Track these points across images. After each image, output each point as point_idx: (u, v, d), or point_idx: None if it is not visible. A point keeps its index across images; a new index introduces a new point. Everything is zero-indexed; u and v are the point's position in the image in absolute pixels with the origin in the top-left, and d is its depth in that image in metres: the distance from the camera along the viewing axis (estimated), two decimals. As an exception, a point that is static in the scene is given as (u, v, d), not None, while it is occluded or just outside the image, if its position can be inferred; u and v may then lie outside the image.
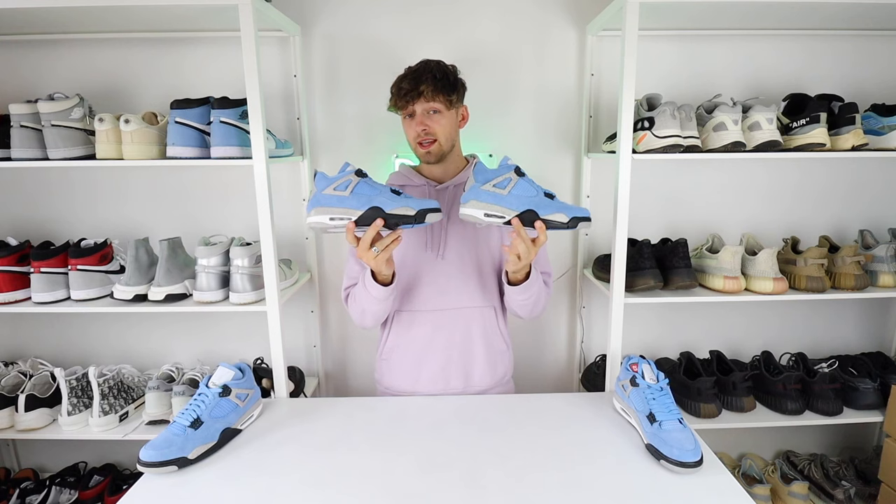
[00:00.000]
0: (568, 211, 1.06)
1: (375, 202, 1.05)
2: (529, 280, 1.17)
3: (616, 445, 1.06)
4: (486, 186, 1.08)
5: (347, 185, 1.06)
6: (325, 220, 1.04)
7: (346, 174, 1.08)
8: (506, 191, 1.07)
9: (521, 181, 1.09)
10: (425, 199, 1.11)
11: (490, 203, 1.07)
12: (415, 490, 0.93)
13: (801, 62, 1.65)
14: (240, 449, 1.07)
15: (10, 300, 1.43)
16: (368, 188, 1.07)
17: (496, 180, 1.08)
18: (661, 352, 1.82)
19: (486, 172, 1.10)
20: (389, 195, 1.07)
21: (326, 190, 1.06)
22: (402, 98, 1.18)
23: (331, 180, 1.07)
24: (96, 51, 1.61)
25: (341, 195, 1.05)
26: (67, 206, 1.70)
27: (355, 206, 1.05)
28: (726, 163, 1.71)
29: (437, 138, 1.20)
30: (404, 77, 1.20)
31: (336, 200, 1.05)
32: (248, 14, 1.22)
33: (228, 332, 1.79)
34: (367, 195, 1.06)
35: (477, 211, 1.07)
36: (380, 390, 1.38)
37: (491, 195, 1.07)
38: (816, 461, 1.68)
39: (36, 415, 1.47)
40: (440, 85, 1.18)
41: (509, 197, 1.07)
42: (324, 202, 1.05)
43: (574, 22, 1.63)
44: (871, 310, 1.82)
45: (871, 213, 1.74)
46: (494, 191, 1.07)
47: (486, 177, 1.09)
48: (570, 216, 1.05)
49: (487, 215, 1.07)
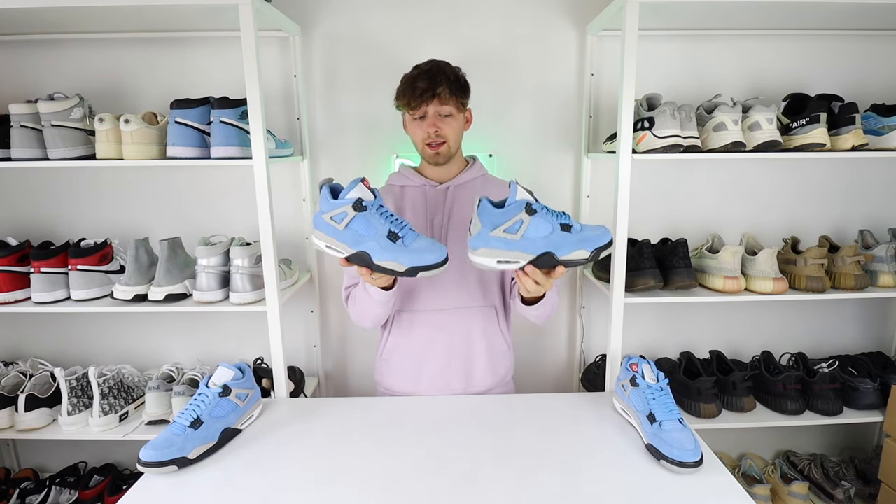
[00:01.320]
0: (588, 244, 0.96)
1: (366, 246, 0.96)
2: (544, 298, 1.14)
3: (616, 445, 1.06)
4: (495, 232, 0.97)
5: (343, 217, 0.97)
6: (322, 246, 1.00)
7: (344, 203, 0.98)
8: (518, 235, 0.97)
9: (533, 220, 0.97)
10: (431, 243, 0.99)
11: (502, 250, 0.97)
12: (415, 490, 0.93)
13: (801, 62, 1.65)
14: (240, 449, 1.07)
15: (10, 300, 1.43)
16: (364, 225, 0.97)
17: (505, 225, 0.97)
18: (661, 352, 1.82)
19: (493, 214, 0.99)
20: (384, 240, 0.96)
21: (325, 215, 0.98)
22: (416, 97, 1.17)
23: (331, 205, 0.98)
24: (96, 51, 1.61)
25: (336, 227, 0.98)
26: (67, 206, 1.70)
27: (348, 242, 0.97)
28: (726, 163, 1.71)
29: (447, 140, 1.20)
30: (418, 76, 1.18)
31: (331, 230, 0.98)
32: (248, 14, 1.22)
33: (228, 332, 1.79)
34: (361, 235, 0.97)
35: (489, 259, 0.98)
36: (380, 391, 1.38)
37: (502, 241, 0.97)
38: (816, 461, 1.68)
39: (36, 415, 1.47)
40: (454, 88, 1.18)
41: (523, 241, 0.97)
42: (321, 227, 0.99)
43: (574, 22, 1.63)
44: (871, 310, 1.82)
45: (871, 213, 1.75)
46: (505, 236, 0.97)
47: (493, 221, 0.98)
48: (590, 250, 0.96)
49: (500, 262, 0.98)
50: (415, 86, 1.17)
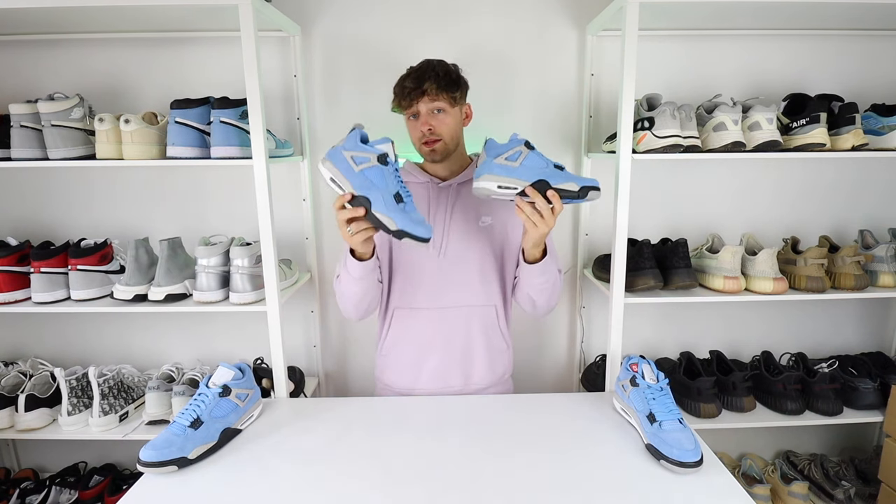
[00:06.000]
0: (578, 181, 1.08)
1: (371, 195, 0.99)
2: (547, 258, 1.17)
3: (616, 445, 1.06)
4: (497, 160, 1.10)
5: (363, 161, 1.00)
6: (328, 177, 1.01)
7: (371, 150, 1.01)
8: (517, 163, 1.09)
9: (531, 154, 1.11)
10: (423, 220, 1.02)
11: (503, 175, 1.09)
12: (415, 490, 0.93)
13: (801, 62, 1.65)
14: (240, 449, 1.07)
15: (10, 300, 1.43)
16: (378, 177, 1.00)
17: (507, 153, 1.10)
18: (661, 352, 1.82)
19: (497, 147, 1.12)
20: (388, 198, 1.00)
21: (346, 152, 1.00)
22: (405, 97, 1.18)
23: (357, 147, 1.00)
24: (96, 51, 1.61)
25: (352, 166, 1.00)
26: (67, 206, 1.70)
27: (356, 184, 0.99)
28: (726, 163, 1.71)
29: (443, 137, 1.20)
30: (407, 76, 1.20)
31: (346, 167, 1.00)
32: (248, 14, 1.22)
33: (228, 332, 1.79)
34: (372, 183, 1.00)
35: (490, 184, 1.09)
36: (379, 387, 1.38)
37: (503, 168, 1.09)
38: (816, 461, 1.68)
39: (36, 415, 1.47)
40: (443, 83, 1.18)
41: (521, 168, 1.09)
42: (337, 160, 1.00)
43: (574, 22, 1.63)
44: (871, 310, 1.81)
45: (871, 213, 1.74)
46: (506, 164, 1.09)
47: (497, 151, 1.11)
48: (580, 185, 1.07)
49: (501, 187, 1.09)
50: (404, 85, 1.18)
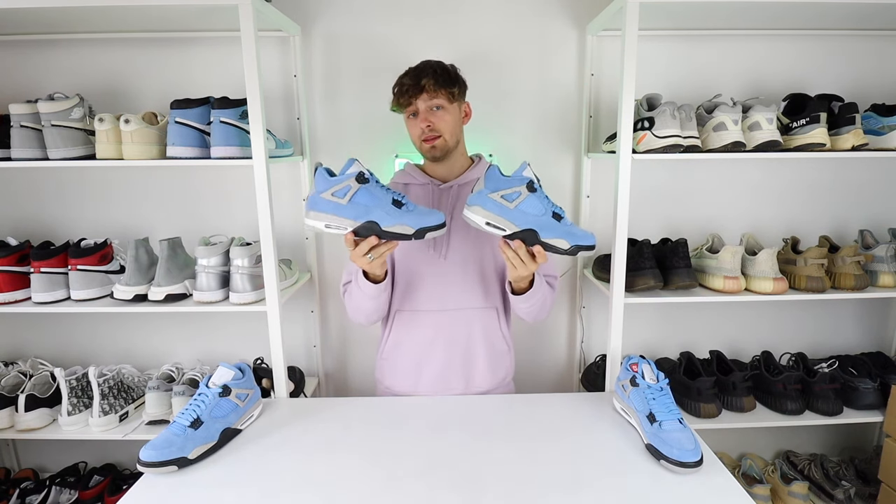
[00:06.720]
0: (571, 238, 1.03)
1: (373, 215, 1.00)
2: (533, 289, 1.16)
3: (616, 445, 1.06)
4: (494, 195, 1.04)
5: (346, 192, 1.00)
6: (321, 226, 1.01)
7: (346, 178, 1.01)
8: (513, 205, 1.04)
9: (530, 197, 1.04)
10: (429, 209, 1.06)
11: (494, 213, 1.04)
12: (415, 490, 0.93)
13: (802, 62, 1.65)
14: (240, 449, 1.07)
15: (10, 300, 1.43)
16: (368, 197, 1.01)
17: (505, 191, 1.04)
18: (661, 352, 1.82)
19: (498, 180, 1.06)
20: (389, 208, 1.01)
21: (325, 193, 1.00)
22: (403, 95, 1.18)
23: (330, 182, 1.01)
24: (96, 51, 1.61)
25: (338, 203, 0.99)
26: (67, 206, 1.70)
27: (352, 216, 1.00)
28: (726, 163, 1.71)
29: (442, 133, 1.20)
30: (405, 75, 1.20)
31: (333, 207, 1.00)
32: (248, 14, 1.22)
33: (228, 332, 1.79)
34: (366, 206, 1.00)
35: (479, 218, 1.05)
36: (380, 390, 1.38)
37: (497, 205, 1.04)
38: (816, 461, 1.68)
39: (36, 415, 1.47)
40: (441, 79, 1.18)
41: (515, 212, 1.03)
42: (321, 207, 1.00)
43: (574, 22, 1.63)
44: (871, 310, 1.81)
45: (871, 213, 1.74)
46: (501, 202, 1.04)
47: (496, 185, 1.05)
48: (571, 243, 1.02)
49: (489, 224, 1.05)
50: (402, 83, 1.19)
